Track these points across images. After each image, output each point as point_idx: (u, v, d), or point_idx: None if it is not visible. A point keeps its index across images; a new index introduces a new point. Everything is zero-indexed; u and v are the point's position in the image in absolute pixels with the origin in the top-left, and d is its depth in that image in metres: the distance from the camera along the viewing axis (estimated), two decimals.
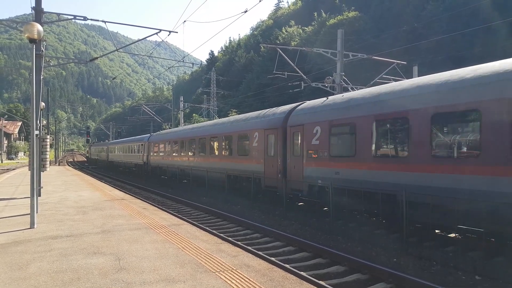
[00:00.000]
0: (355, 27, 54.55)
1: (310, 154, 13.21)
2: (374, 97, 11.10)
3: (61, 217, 10.11)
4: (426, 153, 9.14)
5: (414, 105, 9.57)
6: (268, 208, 14.99)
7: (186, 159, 25.17)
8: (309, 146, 13.27)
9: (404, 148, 9.97)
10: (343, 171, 11.73)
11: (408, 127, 9.61)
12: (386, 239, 9.90)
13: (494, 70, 8.19)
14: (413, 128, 9.48)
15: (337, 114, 12.21)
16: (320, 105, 13.46)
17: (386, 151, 10.68)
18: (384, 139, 10.84)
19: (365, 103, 11.29)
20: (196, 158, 23.61)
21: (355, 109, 11.55)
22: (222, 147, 20.06)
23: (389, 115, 10.29)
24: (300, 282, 5.11)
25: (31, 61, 9.14)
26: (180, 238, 7.63)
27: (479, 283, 7.06)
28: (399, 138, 10.31)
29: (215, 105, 69.59)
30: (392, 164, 10.20)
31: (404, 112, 9.80)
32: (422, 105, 9.34)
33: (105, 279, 5.21)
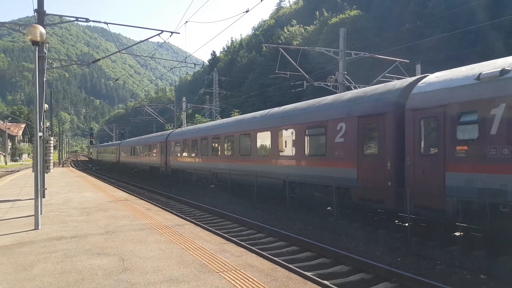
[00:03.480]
0: (357, 26, 54.41)
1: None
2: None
3: (65, 218, 10.14)
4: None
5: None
6: (271, 208, 14.98)
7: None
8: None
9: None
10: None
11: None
12: (390, 239, 9.88)
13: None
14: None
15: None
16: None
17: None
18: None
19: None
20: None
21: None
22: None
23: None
24: (304, 282, 5.10)
25: (34, 63, 9.15)
26: (184, 239, 7.64)
27: (484, 282, 7.03)
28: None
29: (217, 105, 69.68)
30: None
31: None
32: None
33: (109, 279, 5.23)
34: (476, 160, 8.30)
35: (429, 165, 9.36)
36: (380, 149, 10.74)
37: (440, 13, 41.41)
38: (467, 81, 8.79)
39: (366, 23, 57.07)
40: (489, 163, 8.06)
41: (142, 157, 38.00)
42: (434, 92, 9.48)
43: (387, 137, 10.47)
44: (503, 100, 7.91)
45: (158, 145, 32.66)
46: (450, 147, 8.87)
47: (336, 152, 12.31)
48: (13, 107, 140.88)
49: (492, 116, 8.06)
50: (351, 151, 11.68)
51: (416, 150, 9.68)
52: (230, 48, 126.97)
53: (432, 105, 9.37)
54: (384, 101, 10.91)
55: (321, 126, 13.14)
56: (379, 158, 10.70)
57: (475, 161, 8.33)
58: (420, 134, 9.62)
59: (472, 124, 8.50)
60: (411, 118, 9.80)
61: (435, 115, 9.29)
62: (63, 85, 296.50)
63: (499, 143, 7.94)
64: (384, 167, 10.49)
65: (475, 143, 8.36)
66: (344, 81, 21.55)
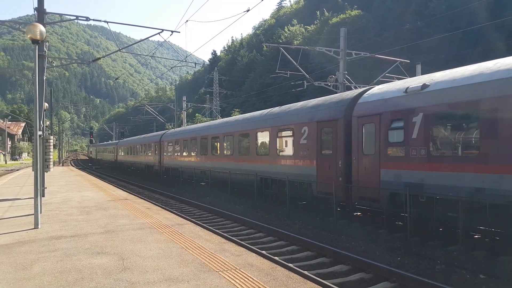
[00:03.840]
0: (358, 26, 54.41)
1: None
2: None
3: (65, 217, 10.14)
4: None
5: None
6: (271, 208, 14.98)
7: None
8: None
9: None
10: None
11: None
12: (389, 239, 9.88)
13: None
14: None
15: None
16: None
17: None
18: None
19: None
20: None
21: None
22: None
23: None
24: (304, 282, 5.10)
25: (34, 62, 9.14)
26: (184, 238, 7.64)
27: (483, 282, 7.03)
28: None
29: (218, 104, 69.62)
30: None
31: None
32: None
33: (109, 279, 5.22)
34: (402, 159, 10.09)
35: (369, 163, 11.14)
36: (333, 149, 12.56)
37: (441, 13, 41.40)
38: (397, 93, 10.58)
39: (367, 23, 57.06)
40: (411, 162, 9.82)
41: (138, 156, 39.54)
42: (373, 102, 11.29)
43: (339, 140, 12.34)
44: (421, 110, 9.59)
45: (152, 145, 34.23)
46: (384, 148, 10.65)
47: (301, 152, 14.14)
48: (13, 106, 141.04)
49: (413, 123, 9.75)
50: (312, 151, 13.54)
51: (359, 151, 11.51)
52: (231, 47, 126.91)
53: (371, 113, 11.16)
54: (337, 109, 12.76)
55: (289, 129, 14.95)
56: (333, 157, 12.55)
57: (401, 160, 10.12)
58: (362, 137, 11.46)
59: (399, 130, 10.22)
60: (356, 124, 11.66)
61: (373, 121, 11.05)
62: (63, 84, 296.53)
63: (418, 145, 9.66)
64: (337, 165, 12.34)
65: (401, 145, 10.12)
66: (345, 81, 21.54)
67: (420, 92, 9.76)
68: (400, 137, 10.20)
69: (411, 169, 9.82)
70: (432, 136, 9.45)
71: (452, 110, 9.03)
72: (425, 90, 9.69)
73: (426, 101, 9.55)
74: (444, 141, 9.38)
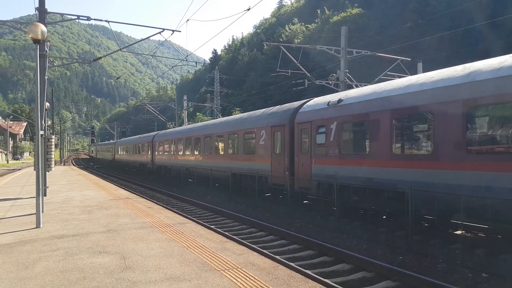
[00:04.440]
0: (358, 24, 54.31)
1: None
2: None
3: (67, 217, 10.16)
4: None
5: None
6: (272, 207, 14.99)
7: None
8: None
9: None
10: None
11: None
12: (391, 237, 9.87)
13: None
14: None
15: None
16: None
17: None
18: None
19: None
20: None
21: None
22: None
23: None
24: (306, 281, 5.10)
25: (36, 62, 9.14)
26: (185, 237, 7.64)
27: (485, 280, 7.02)
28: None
29: (218, 104, 69.62)
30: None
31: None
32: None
33: (110, 278, 5.23)
34: (324, 156, 13.06)
35: (305, 160, 14.07)
36: (282, 149, 15.42)
37: (441, 11, 41.29)
38: (323, 106, 13.50)
39: (367, 21, 56.96)
40: (329, 159, 12.81)
41: (133, 155, 42.37)
42: (308, 112, 14.25)
43: (285, 141, 15.16)
44: (336, 119, 12.55)
45: (146, 145, 37.05)
46: (314, 148, 13.54)
47: (260, 151, 16.89)
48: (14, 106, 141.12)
49: (331, 129, 12.68)
50: (268, 151, 16.34)
51: (299, 150, 14.44)
52: (232, 46, 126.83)
53: (306, 120, 14.10)
54: (284, 117, 15.53)
55: (252, 133, 17.64)
56: (281, 155, 15.45)
57: (323, 157, 13.11)
58: (301, 139, 14.30)
59: (322, 134, 13.10)
60: (297, 129, 14.56)
61: (307, 127, 13.96)
62: (65, 83, 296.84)
63: (333, 146, 12.63)
64: (284, 161, 15.23)
65: (323, 146, 13.06)
66: (346, 79, 21.52)
67: (336, 105, 12.68)
68: (323, 140, 13.11)
69: (329, 164, 12.80)
70: (342, 139, 12.34)
71: (353, 120, 12.01)
72: (339, 104, 12.58)
73: (339, 113, 12.48)
74: (348, 143, 12.31)
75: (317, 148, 13.36)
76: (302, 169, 14.14)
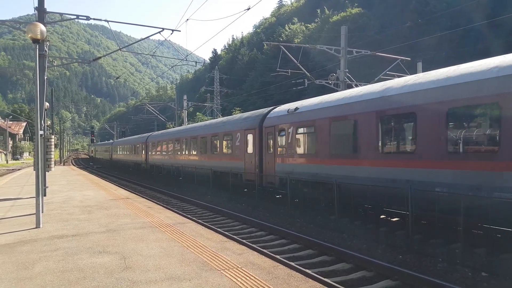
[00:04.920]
0: (358, 24, 54.32)
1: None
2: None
3: (67, 217, 10.15)
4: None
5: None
6: (273, 206, 14.99)
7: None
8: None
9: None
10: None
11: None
12: (391, 237, 9.87)
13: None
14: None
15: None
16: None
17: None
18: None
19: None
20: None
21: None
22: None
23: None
24: (306, 280, 5.09)
25: (35, 62, 9.13)
26: (185, 237, 7.64)
27: (485, 280, 7.02)
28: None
29: (218, 103, 69.54)
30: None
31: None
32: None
33: (110, 278, 5.23)
34: (284, 156, 15.34)
35: (270, 159, 16.22)
36: (253, 149, 17.54)
37: (441, 11, 41.31)
38: (284, 113, 15.70)
39: (367, 21, 56.96)
40: (287, 157, 15.11)
41: (129, 155, 44.95)
42: (273, 117, 16.50)
43: (255, 142, 17.31)
44: (292, 124, 14.84)
45: (140, 145, 39.36)
46: (276, 149, 15.83)
47: (236, 151, 18.97)
48: (14, 106, 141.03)
49: (289, 132, 14.98)
50: (242, 151, 18.39)
51: (266, 150, 16.67)
52: (231, 46, 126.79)
53: (271, 125, 16.33)
54: (255, 121, 17.72)
55: (230, 135, 19.78)
56: (252, 155, 17.52)
57: (283, 157, 15.37)
58: (267, 141, 16.55)
59: (283, 136, 15.43)
60: (264, 132, 16.82)
61: (272, 131, 16.25)
62: (64, 83, 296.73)
63: (290, 147, 14.88)
64: (255, 160, 17.30)
65: (284, 147, 15.36)
66: (346, 79, 21.51)
67: (294, 113, 14.89)
68: (283, 142, 15.40)
69: (288, 162, 15.08)
70: (296, 141, 14.60)
71: (304, 125, 14.27)
72: (296, 112, 14.78)
73: (295, 119, 14.70)
74: (301, 144, 14.47)
75: (279, 148, 15.76)
76: (268, 166, 16.46)
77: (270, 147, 16.30)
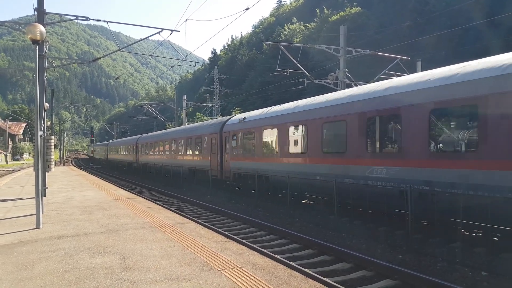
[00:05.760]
0: (357, 23, 54.28)
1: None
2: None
3: (66, 217, 10.15)
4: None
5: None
6: (272, 206, 15.00)
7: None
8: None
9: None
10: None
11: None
12: (391, 236, 9.88)
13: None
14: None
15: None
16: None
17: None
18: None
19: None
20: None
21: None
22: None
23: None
24: (306, 280, 5.10)
25: (35, 62, 9.12)
26: (185, 237, 7.65)
27: (485, 279, 7.03)
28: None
29: (218, 103, 69.52)
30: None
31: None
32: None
33: (110, 278, 5.23)
34: (236, 155, 19.01)
35: (228, 158, 19.87)
36: (215, 150, 21.20)
37: (440, 10, 41.30)
38: (237, 121, 19.46)
39: (366, 20, 56.91)
40: (237, 157, 18.78)
41: (121, 155, 49.44)
42: (229, 125, 20.21)
43: (217, 145, 21.05)
44: (240, 131, 18.75)
45: (131, 146, 43.51)
46: (231, 150, 19.50)
47: (204, 152, 23.08)
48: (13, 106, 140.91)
49: (238, 137, 18.85)
50: (208, 152, 22.37)
51: (224, 151, 20.24)
52: (231, 46, 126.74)
53: (228, 131, 20.06)
54: (217, 127, 21.46)
55: (199, 138, 23.85)
56: (215, 154, 21.21)
57: (235, 156, 19.05)
58: (225, 143, 20.15)
59: (235, 140, 19.15)
60: (223, 136, 20.51)
61: (228, 135, 19.92)
62: (64, 84, 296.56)
63: (239, 148, 18.73)
64: (217, 159, 20.92)
65: (235, 148, 19.10)
66: (345, 78, 21.51)
67: (242, 121, 18.77)
68: (235, 144, 19.14)
69: (238, 161, 18.82)
70: (244, 144, 18.45)
71: (248, 132, 18.08)
72: (244, 121, 18.66)
73: (243, 126, 18.57)
74: (246, 147, 18.18)
75: (232, 149, 19.42)
76: (226, 164, 20.09)
77: (227, 148, 19.96)
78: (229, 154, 19.51)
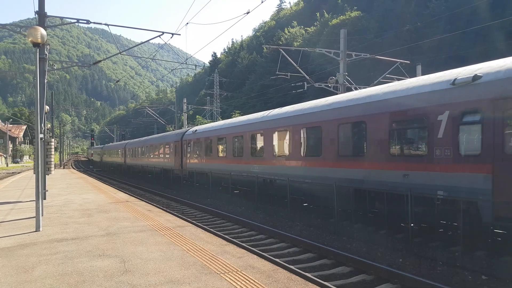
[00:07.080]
0: (357, 27, 54.40)
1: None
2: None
3: (66, 220, 10.14)
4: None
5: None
6: (272, 210, 14.98)
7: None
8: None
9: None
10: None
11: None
12: (391, 240, 9.86)
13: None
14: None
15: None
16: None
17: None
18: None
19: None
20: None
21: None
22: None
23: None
24: (305, 283, 5.09)
25: (35, 65, 9.15)
26: (185, 240, 7.64)
27: (485, 283, 7.01)
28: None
29: (218, 106, 69.52)
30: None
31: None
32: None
33: (110, 281, 5.22)
34: (191, 158, 24.95)
35: (185, 160, 25.48)
36: (178, 154, 26.72)
37: (440, 13, 41.40)
38: (192, 132, 25.26)
39: (366, 24, 57.03)
40: (192, 159, 24.71)
41: (113, 158, 55.42)
42: (187, 134, 25.74)
43: (180, 150, 26.54)
44: (193, 140, 24.61)
45: (120, 150, 49.59)
46: (187, 154, 25.59)
47: (169, 155, 28.91)
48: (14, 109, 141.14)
49: (192, 144, 24.88)
50: (173, 155, 28.04)
51: (184, 155, 25.83)
52: (231, 49, 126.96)
53: (187, 139, 25.50)
54: (179, 136, 27.03)
55: (168, 144, 29.62)
56: (178, 157, 26.67)
57: (190, 159, 24.99)
58: (185, 149, 25.84)
59: (190, 146, 25.16)
60: (183, 143, 26.02)
61: (185, 143, 25.66)
62: (64, 86, 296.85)
63: (193, 153, 24.70)
64: (179, 161, 26.34)
65: (190, 152, 25.05)
66: (345, 82, 21.53)
67: (195, 133, 24.42)
68: (190, 149, 24.90)
69: (192, 162, 24.37)
70: (196, 150, 23.97)
71: (198, 141, 23.52)
72: (196, 132, 24.37)
73: (194, 136, 24.24)
74: (198, 152, 23.64)
75: (188, 154, 25.27)
76: (184, 165, 25.67)
77: (186, 153, 25.65)
78: (187, 157, 25.52)
